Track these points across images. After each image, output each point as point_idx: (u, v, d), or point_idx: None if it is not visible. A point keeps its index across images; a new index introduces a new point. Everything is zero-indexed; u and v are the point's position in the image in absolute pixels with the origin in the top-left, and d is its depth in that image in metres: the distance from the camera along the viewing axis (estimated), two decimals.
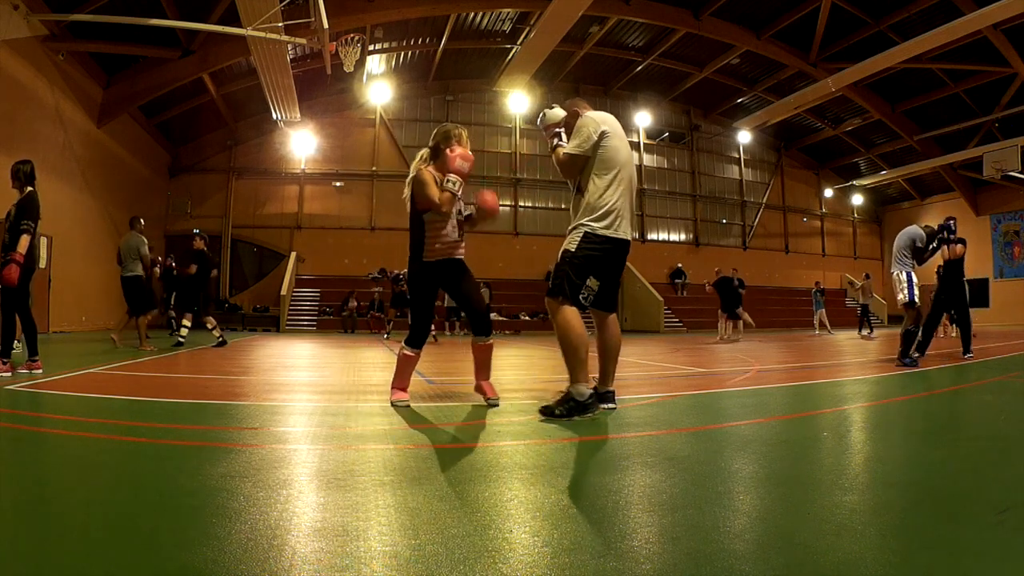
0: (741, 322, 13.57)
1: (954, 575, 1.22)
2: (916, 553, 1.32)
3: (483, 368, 3.54)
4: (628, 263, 3.31)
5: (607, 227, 3.07)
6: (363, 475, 1.95)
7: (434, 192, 3.31)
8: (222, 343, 8.86)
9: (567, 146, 3.21)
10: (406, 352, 3.49)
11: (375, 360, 7.32)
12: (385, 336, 12.90)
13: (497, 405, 3.41)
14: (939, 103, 20.56)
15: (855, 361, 7.25)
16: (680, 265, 23.24)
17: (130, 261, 8.20)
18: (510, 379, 5.35)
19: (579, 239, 3.08)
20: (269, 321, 17.92)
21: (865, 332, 15.14)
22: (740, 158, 25.85)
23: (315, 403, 3.69)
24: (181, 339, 8.75)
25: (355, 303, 18.13)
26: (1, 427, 2.83)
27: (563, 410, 2.98)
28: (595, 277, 3.06)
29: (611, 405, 3.23)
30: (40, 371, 4.71)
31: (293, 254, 19.85)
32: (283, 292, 18.05)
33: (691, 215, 24.56)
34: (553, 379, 5.16)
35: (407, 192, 3.46)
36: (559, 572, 1.21)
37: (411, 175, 3.42)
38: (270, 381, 5.04)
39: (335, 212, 20.93)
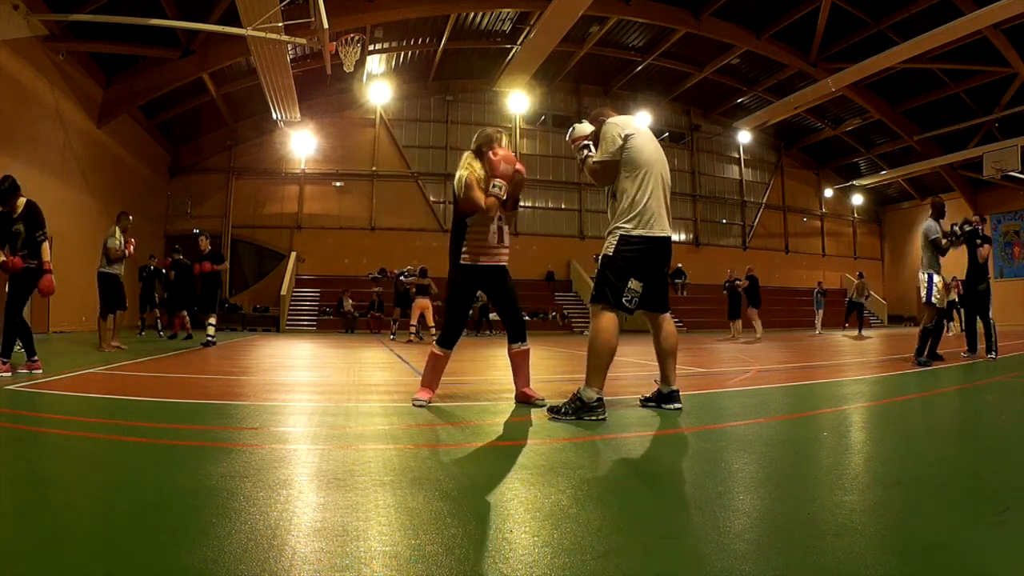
0: (740, 322, 13.71)
1: (954, 575, 1.22)
2: (916, 553, 1.32)
3: (521, 372, 3.58)
4: None
5: (641, 227, 3.09)
6: (363, 475, 1.95)
7: (479, 196, 3.33)
8: (210, 343, 8.95)
9: (595, 155, 3.25)
10: (435, 351, 3.52)
11: (375, 360, 7.32)
12: (391, 336, 12.84)
13: (544, 404, 3.36)
14: (939, 103, 20.55)
15: (855, 361, 7.25)
16: (680, 265, 23.24)
17: (101, 256, 7.88)
18: (510, 379, 5.34)
19: (615, 242, 3.12)
20: (269, 321, 17.92)
21: (853, 332, 15.11)
22: (740, 158, 25.86)
23: (315, 403, 3.68)
24: (211, 338, 8.99)
25: (350, 302, 18.11)
26: (1, 427, 2.83)
27: (570, 408, 3.03)
28: (636, 279, 3.08)
29: (677, 405, 3.26)
30: (40, 371, 4.72)
31: (293, 254, 19.85)
32: (283, 292, 18.06)
33: (691, 215, 24.56)
34: (552, 379, 5.16)
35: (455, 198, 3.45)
36: (559, 572, 1.21)
37: (456, 178, 3.42)
38: (270, 381, 5.04)
39: (335, 212, 20.93)
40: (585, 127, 3.42)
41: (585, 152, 3.35)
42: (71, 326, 13.22)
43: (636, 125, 3.25)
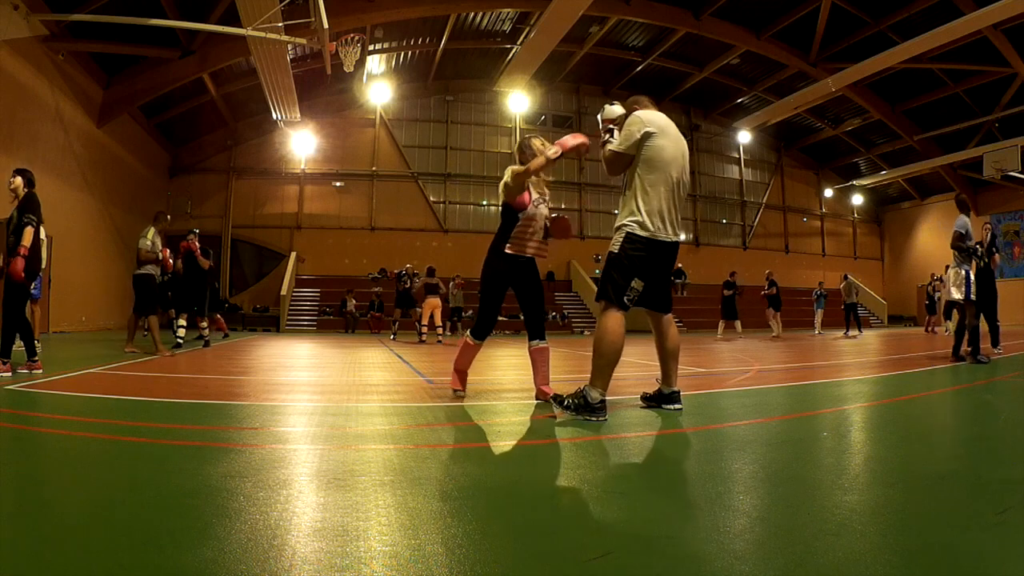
0: (738, 322, 14.02)
1: (954, 575, 1.22)
2: (916, 553, 1.32)
3: (540, 370, 3.67)
4: None
5: (648, 229, 3.07)
6: (363, 475, 1.95)
7: (536, 163, 3.38)
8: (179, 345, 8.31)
9: (613, 143, 3.22)
10: (468, 341, 3.68)
11: (375, 360, 7.32)
12: (392, 337, 12.75)
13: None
14: (939, 103, 20.54)
15: (854, 361, 7.25)
16: (680, 265, 23.24)
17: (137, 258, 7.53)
18: (510, 379, 5.35)
19: (621, 240, 3.10)
20: (269, 321, 17.91)
21: (853, 332, 15.08)
22: (740, 158, 25.84)
23: (315, 403, 3.69)
24: (205, 339, 8.77)
25: (353, 302, 18.13)
26: (1, 427, 2.83)
27: (572, 403, 3.02)
28: (639, 278, 3.07)
29: (677, 405, 3.27)
30: (40, 371, 4.72)
31: (293, 254, 19.85)
32: (283, 292, 18.06)
33: (691, 215, 24.53)
34: (554, 378, 5.15)
35: (502, 197, 3.61)
36: (559, 572, 1.21)
37: (504, 178, 3.56)
38: (270, 381, 5.04)
39: (335, 212, 20.93)
40: (616, 109, 3.38)
41: (607, 136, 3.32)
42: (71, 326, 13.22)
43: (662, 124, 3.18)
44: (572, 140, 3.38)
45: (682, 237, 3.32)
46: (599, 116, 3.45)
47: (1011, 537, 1.40)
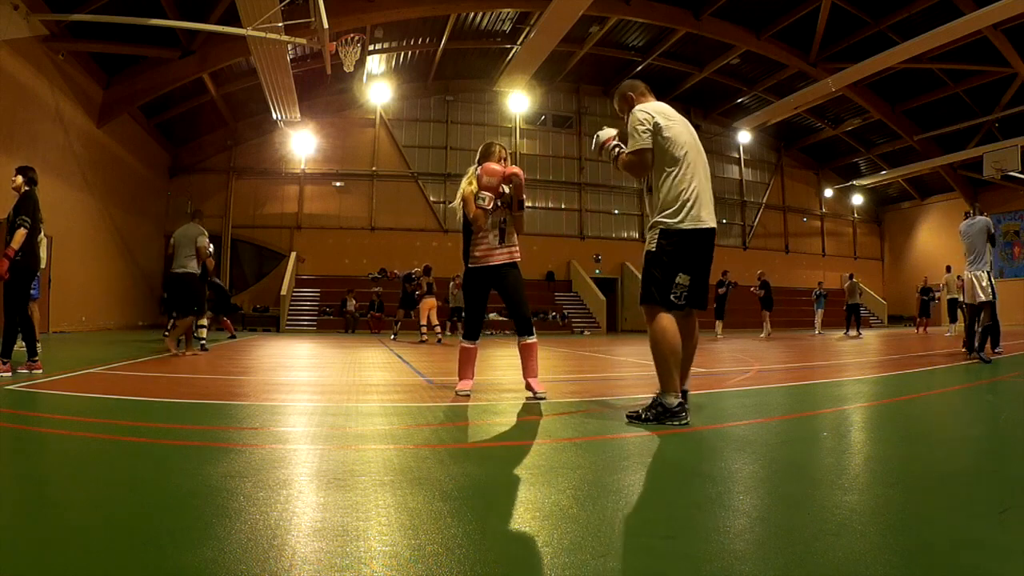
0: (721, 323, 14.21)
1: (953, 575, 1.22)
2: (916, 552, 1.32)
3: (528, 364, 3.80)
4: (627, 263, 3.29)
5: (682, 220, 2.95)
6: (363, 475, 1.95)
7: (469, 210, 3.72)
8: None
9: (627, 148, 3.11)
10: (464, 345, 3.92)
11: (375, 360, 7.31)
12: (393, 337, 12.73)
13: (544, 399, 3.65)
14: (939, 103, 20.54)
15: (854, 361, 7.25)
16: None
17: (183, 256, 7.06)
18: (510, 379, 5.35)
19: (657, 237, 3.00)
20: (269, 321, 17.93)
21: (853, 332, 15.07)
22: (740, 158, 25.83)
23: (315, 403, 3.69)
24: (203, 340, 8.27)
25: (354, 303, 18.14)
26: (1, 427, 2.83)
27: (651, 415, 2.91)
28: (684, 272, 2.96)
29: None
30: (40, 371, 4.72)
31: (293, 254, 19.86)
32: (283, 292, 18.07)
33: None
34: (551, 378, 5.16)
35: (459, 212, 3.91)
36: (559, 572, 1.21)
37: (458, 193, 3.86)
38: (270, 381, 5.05)
39: (335, 212, 20.94)
40: (609, 131, 3.32)
41: (616, 151, 3.23)
42: (71, 326, 13.22)
43: (665, 111, 3.10)
44: (496, 179, 3.64)
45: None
46: (594, 146, 3.33)
47: (1011, 537, 1.40)
